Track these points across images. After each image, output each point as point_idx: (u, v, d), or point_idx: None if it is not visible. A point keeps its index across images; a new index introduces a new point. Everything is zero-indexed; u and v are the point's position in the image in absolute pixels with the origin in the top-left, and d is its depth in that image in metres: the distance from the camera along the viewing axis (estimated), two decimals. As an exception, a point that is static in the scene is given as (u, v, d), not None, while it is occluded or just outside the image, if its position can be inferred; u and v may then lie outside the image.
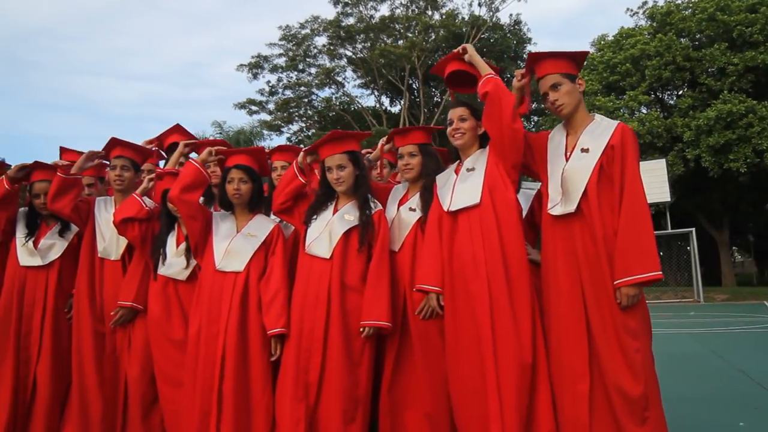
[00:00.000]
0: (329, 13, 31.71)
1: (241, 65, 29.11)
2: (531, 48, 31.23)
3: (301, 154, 3.34)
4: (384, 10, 28.12)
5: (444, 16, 26.93)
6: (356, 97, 32.37)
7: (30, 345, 3.51)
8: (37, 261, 3.57)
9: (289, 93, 30.05)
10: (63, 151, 4.13)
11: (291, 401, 2.87)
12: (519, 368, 2.64)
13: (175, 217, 3.42)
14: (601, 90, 23.89)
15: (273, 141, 31.77)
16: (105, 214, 3.63)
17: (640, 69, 22.91)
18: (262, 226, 3.28)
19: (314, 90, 30.24)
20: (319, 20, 28.13)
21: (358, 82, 31.42)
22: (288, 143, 33.63)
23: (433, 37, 27.22)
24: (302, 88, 29.43)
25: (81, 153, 3.76)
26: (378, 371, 3.09)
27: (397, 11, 28.43)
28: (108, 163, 3.72)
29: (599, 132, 2.77)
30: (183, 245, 3.36)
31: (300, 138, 33.51)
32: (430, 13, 28.90)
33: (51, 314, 3.55)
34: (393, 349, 3.06)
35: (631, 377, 2.53)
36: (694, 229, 20.69)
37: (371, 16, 27.53)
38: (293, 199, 3.28)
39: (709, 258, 26.22)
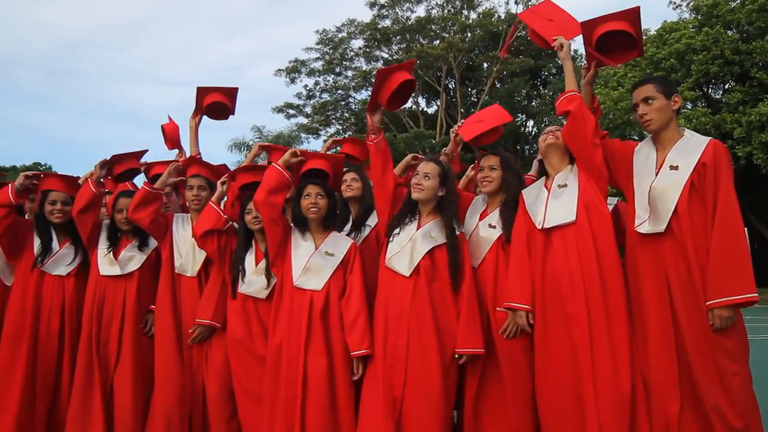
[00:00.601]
0: (365, 15, 31.76)
1: (279, 70, 29.52)
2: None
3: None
4: (420, 12, 28.11)
5: (480, 16, 26.68)
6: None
7: (108, 353, 3.62)
8: (116, 271, 3.67)
9: (326, 96, 30.28)
10: (152, 165, 4.21)
11: (382, 418, 2.88)
12: (619, 398, 2.60)
13: (252, 232, 3.48)
14: (645, 86, 23.31)
15: (310, 144, 32.06)
16: (182, 230, 3.72)
17: (685, 64, 22.26)
18: (339, 244, 3.31)
19: (351, 93, 30.38)
20: (356, 23, 28.28)
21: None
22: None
23: (470, 36, 27.00)
24: (339, 92, 29.58)
25: (167, 164, 3.91)
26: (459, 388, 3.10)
27: (433, 12, 28.37)
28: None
29: (689, 149, 2.71)
30: (262, 263, 3.41)
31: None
32: (466, 12, 28.72)
33: (129, 324, 3.64)
34: (477, 367, 3.05)
35: (730, 405, 2.46)
36: (746, 229, 19.97)
37: (407, 18, 27.51)
38: None
39: (761, 258, 25.34)
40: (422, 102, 31.73)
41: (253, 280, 3.38)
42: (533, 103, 30.18)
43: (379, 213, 3.41)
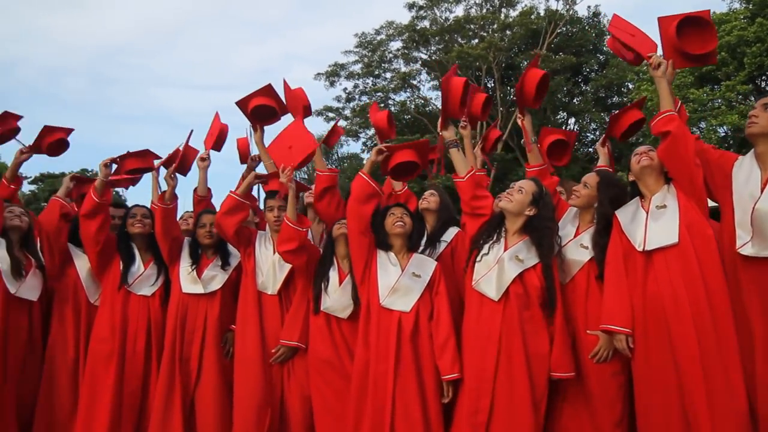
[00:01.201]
0: (402, 17, 31.72)
1: (319, 74, 29.66)
2: (612, 40, 30.00)
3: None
4: (458, 12, 27.87)
5: (520, 15, 26.24)
6: (430, 99, 32.25)
7: (189, 371, 3.67)
8: (199, 289, 3.72)
9: (365, 99, 30.33)
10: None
11: None
12: (736, 416, 2.54)
13: (334, 249, 3.49)
14: (694, 82, 22.60)
15: (350, 146, 32.21)
16: (264, 249, 3.75)
17: (737, 57, 21.50)
18: (425, 265, 3.29)
19: (390, 95, 30.36)
20: (394, 25, 28.23)
21: (433, 83, 31.28)
22: (363, 149, 33.94)
23: (509, 35, 26.62)
24: (379, 94, 29.59)
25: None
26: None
27: (472, 11, 28.10)
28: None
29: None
30: (347, 281, 3.41)
31: (375, 142, 33.74)
32: (505, 11, 28.36)
33: (211, 342, 3.69)
34: (562, 390, 3.01)
35: None
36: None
37: (446, 18, 27.32)
38: None
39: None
40: (461, 102, 31.55)
41: (336, 299, 3.39)
42: (575, 101, 29.61)
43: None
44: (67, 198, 3.87)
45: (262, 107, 4.15)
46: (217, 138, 4.40)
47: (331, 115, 30.81)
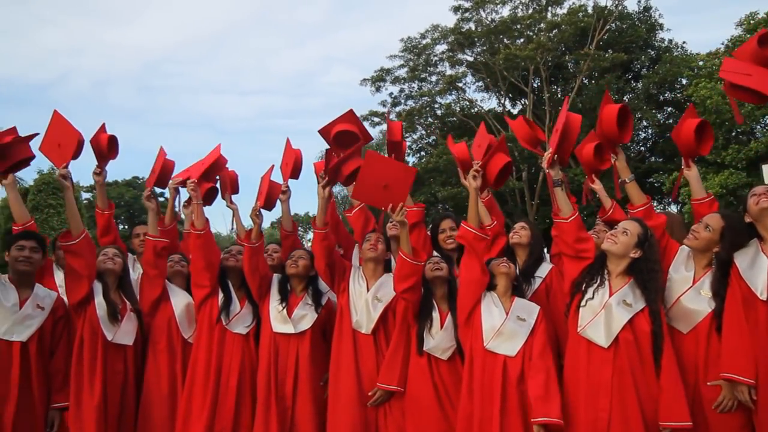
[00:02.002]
0: (441, 15, 31.47)
1: (364, 79, 29.83)
2: (663, 35, 29.05)
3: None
4: (504, 12, 27.54)
5: (568, 14, 25.66)
6: (476, 100, 31.96)
7: (285, 409, 3.67)
8: (289, 329, 3.73)
9: (411, 103, 30.32)
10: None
11: None
12: None
13: (433, 291, 3.50)
14: (755, 77, 21.64)
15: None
16: (357, 285, 3.75)
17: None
18: (529, 309, 3.26)
19: (436, 98, 30.24)
20: (439, 29, 28.10)
21: (478, 85, 31.01)
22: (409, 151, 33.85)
23: (558, 34, 26.09)
24: (425, 98, 29.50)
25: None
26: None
27: (518, 11, 27.71)
28: None
29: None
30: (448, 323, 3.40)
31: (421, 145, 33.66)
32: (552, 9, 27.84)
33: (304, 380, 3.69)
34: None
35: None
36: None
37: (492, 20, 27.01)
38: None
39: None
40: (507, 103, 31.11)
41: (439, 340, 3.38)
42: (625, 98, 28.81)
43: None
44: (157, 227, 3.92)
45: (344, 133, 4.03)
46: (294, 166, 4.36)
47: (376, 119, 30.95)
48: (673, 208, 26.86)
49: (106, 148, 4.23)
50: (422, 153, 34.00)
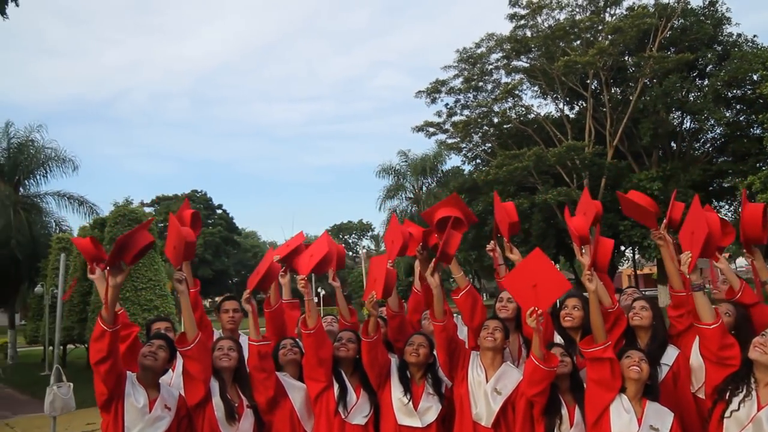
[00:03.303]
0: (499, 26, 31.02)
1: (420, 92, 29.80)
2: (732, 29, 27.68)
3: None
4: (560, 16, 26.89)
5: (630, 17, 24.71)
6: (532, 106, 31.37)
7: None
8: (416, 422, 3.67)
9: (466, 112, 30.08)
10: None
11: None
12: None
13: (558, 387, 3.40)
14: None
15: (451, 160, 31.94)
16: (476, 375, 3.66)
17: None
18: (662, 416, 3.11)
19: (492, 106, 29.88)
20: (495, 37, 27.72)
21: (534, 90, 30.43)
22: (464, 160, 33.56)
23: (617, 37, 25.23)
24: (481, 109, 29.17)
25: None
26: None
27: (576, 15, 27.01)
28: None
29: None
30: (578, 422, 3.30)
31: (476, 153, 33.32)
32: (610, 10, 26.99)
33: None
34: None
35: None
36: None
37: (549, 26, 26.39)
38: None
39: None
40: (566, 109, 30.36)
41: None
42: (690, 97, 27.59)
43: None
44: (257, 330, 3.79)
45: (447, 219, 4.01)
46: (401, 245, 4.32)
47: (431, 130, 30.86)
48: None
49: (190, 223, 4.30)
50: (477, 160, 33.68)
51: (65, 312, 16.34)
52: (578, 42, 27.10)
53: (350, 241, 78.02)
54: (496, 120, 29.59)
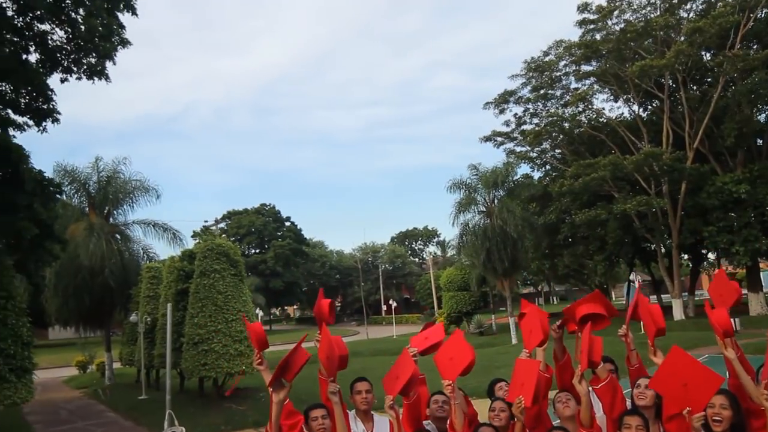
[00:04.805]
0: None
1: (488, 103, 29.48)
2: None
3: None
4: (632, 18, 25.87)
5: (711, 17, 23.40)
6: (602, 109, 30.37)
7: None
8: None
9: (536, 120, 29.52)
10: None
11: None
12: None
13: None
14: None
15: (520, 169, 31.39)
16: None
17: None
18: None
19: (560, 110, 29.18)
20: (563, 44, 27.05)
21: (606, 93, 29.45)
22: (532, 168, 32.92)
23: (695, 37, 24.01)
24: (551, 118, 28.51)
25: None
26: None
27: (646, 12, 25.95)
28: None
29: None
30: None
31: (545, 159, 32.62)
32: (687, 6, 25.75)
33: None
34: None
35: None
36: None
37: (622, 28, 25.44)
38: None
39: None
40: (636, 109, 29.20)
41: None
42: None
43: None
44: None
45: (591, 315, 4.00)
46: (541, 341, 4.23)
47: (499, 140, 30.46)
48: None
49: (328, 313, 4.37)
50: (547, 167, 32.95)
51: (158, 340, 17.18)
52: (650, 40, 26.00)
53: (416, 247, 78.29)
54: (566, 125, 28.81)
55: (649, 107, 29.80)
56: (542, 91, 28.54)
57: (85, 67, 9.68)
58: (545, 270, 35.30)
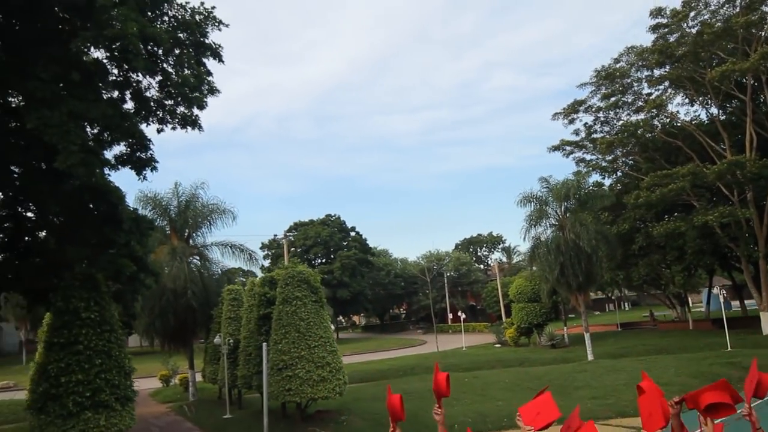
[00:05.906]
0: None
1: (557, 113, 28.91)
2: None
3: None
4: (708, 19, 24.71)
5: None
6: (677, 113, 29.15)
7: None
8: None
9: (606, 129, 28.70)
10: None
11: None
12: None
13: None
14: None
15: (591, 177, 30.61)
16: None
17: None
18: None
19: (630, 116, 28.24)
20: (634, 50, 26.17)
21: (682, 96, 28.26)
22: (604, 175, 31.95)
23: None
24: (624, 127, 27.60)
25: None
26: None
27: (724, 11, 24.71)
28: None
29: None
30: None
31: (616, 166, 31.65)
32: (768, 3, 24.34)
33: None
34: None
35: None
36: None
37: (698, 30, 24.36)
38: None
39: None
40: (712, 111, 27.83)
41: None
42: None
43: None
44: None
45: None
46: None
47: (568, 149, 29.77)
48: None
49: (445, 387, 4.46)
50: (618, 173, 31.92)
51: (241, 361, 17.83)
52: (728, 39, 24.73)
53: (481, 254, 77.41)
54: (639, 131, 27.83)
55: (729, 109, 28.34)
56: (613, 99, 27.64)
57: (179, 117, 10.23)
58: (619, 281, 34.15)
